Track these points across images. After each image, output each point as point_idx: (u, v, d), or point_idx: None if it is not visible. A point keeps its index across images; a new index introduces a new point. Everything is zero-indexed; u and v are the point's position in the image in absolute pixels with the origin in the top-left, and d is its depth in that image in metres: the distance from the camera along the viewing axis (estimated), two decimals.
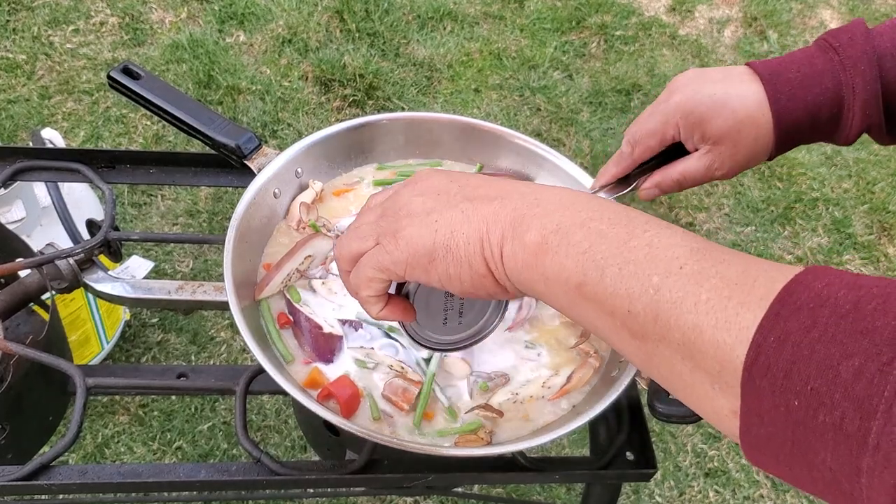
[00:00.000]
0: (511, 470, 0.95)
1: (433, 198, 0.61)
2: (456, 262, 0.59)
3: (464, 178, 0.63)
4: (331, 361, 0.92)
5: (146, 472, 0.89)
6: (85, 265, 1.03)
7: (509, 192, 0.59)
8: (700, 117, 0.84)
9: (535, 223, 0.56)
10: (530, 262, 0.56)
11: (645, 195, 0.92)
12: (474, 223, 0.58)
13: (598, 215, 0.55)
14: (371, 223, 0.64)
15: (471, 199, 0.60)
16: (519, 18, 3.07)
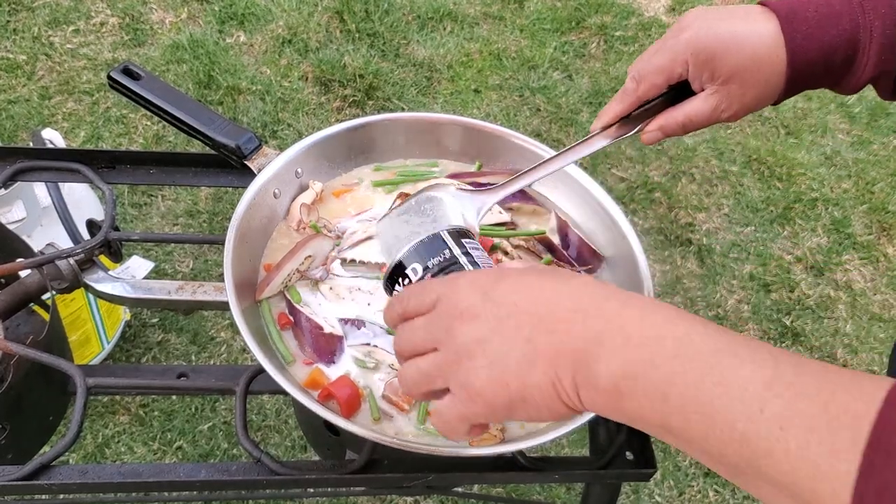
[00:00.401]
0: (511, 470, 0.95)
1: (484, 325, 0.60)
2: (535, 409, 0.59)
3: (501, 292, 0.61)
4: (332, 362, 0.92)
5: (146, 471, 0.89)
6: (85, 265, 1.04)
7: (561, 317, 0.58)
8: (711, 54, 0.80)
9: (602, 368, 0.55)
10: (610, 405, 0.56)
11: (648, 138, 0.89)
12: (541, 369, 0.58)
13: (661, 349, 0.54)
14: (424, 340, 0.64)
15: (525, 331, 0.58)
16: (519, 19, 3.07)
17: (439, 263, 0.71)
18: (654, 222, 2.56)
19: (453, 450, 0.85)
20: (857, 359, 2.32)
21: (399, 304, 0.67)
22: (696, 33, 0.81)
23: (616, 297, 0.58)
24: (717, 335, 0.53)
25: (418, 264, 0.72)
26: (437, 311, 0.63)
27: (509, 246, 1.06)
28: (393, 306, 0.68)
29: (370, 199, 1.11)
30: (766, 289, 2.45)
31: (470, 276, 0.64)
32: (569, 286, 0.60)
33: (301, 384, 0.89)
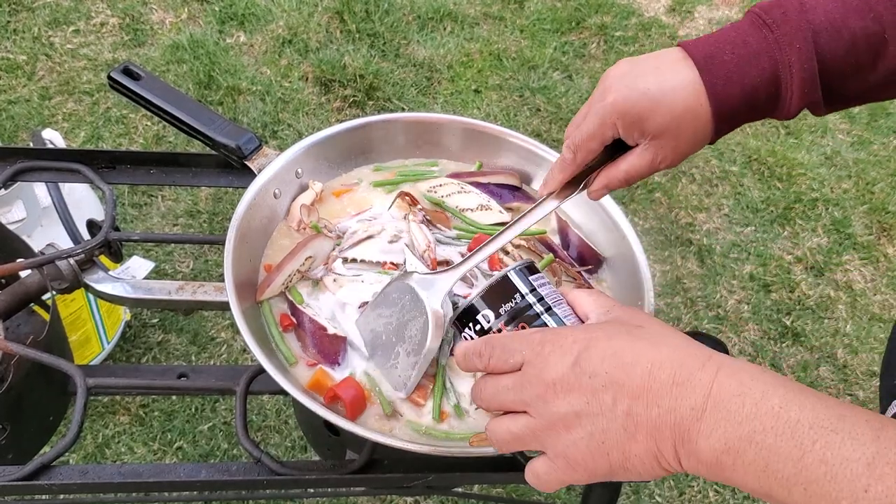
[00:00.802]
0: (511, 470, 0.95)
1: (580, 398, 0.60)
2: (636, 475, 0.61)
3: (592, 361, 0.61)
4: (336, 363, 0.92)
5: (147, 472, 0.89)
6: (85, 265, 1.04)
7: (657, 391, 0.58)
8: (637, 116, 0.82)
9: (703, 443, 0.57)
10: (712, 474, 0.58)
11: (595, 196, 0.92)
12: (642, 442, 0.59)
13: (761, 425, 0.55)
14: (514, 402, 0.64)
15: (623, 405, 0.59)
16: (519, 19, 3.07)
17: (511, 310, 0.70)
18: (654, 222, 2.56)
19: (453, 450, 0.86)
20: (857, 359, 2.32)
21: (478, 357, 0.67)
22: (620, 96, 0.82)
23: (710, 364, 0.59)
24: (814, 406, 0.55)
25: (490, 311, 0.71)
26: (525, 376, 0.63)
27: (510, 246, 1.06)
28: (470, 356, 0.68)
29: (369, 199, 1.11)
30: (766, 289, 2.45)
31: (553, 338, 0.63)
32: (660, 353, 0.60)
33: (305, 386, 0.89)
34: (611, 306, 0.69)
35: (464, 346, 0.69)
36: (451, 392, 0.92)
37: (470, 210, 1.10)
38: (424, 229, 1.04)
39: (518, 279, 0.71)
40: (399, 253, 1.02)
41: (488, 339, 0.68)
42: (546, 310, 0.70)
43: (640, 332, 0.63)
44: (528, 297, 0.70)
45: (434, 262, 1.00)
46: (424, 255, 1.00)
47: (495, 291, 0.71)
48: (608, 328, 0.64)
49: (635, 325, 0.64)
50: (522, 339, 0.65)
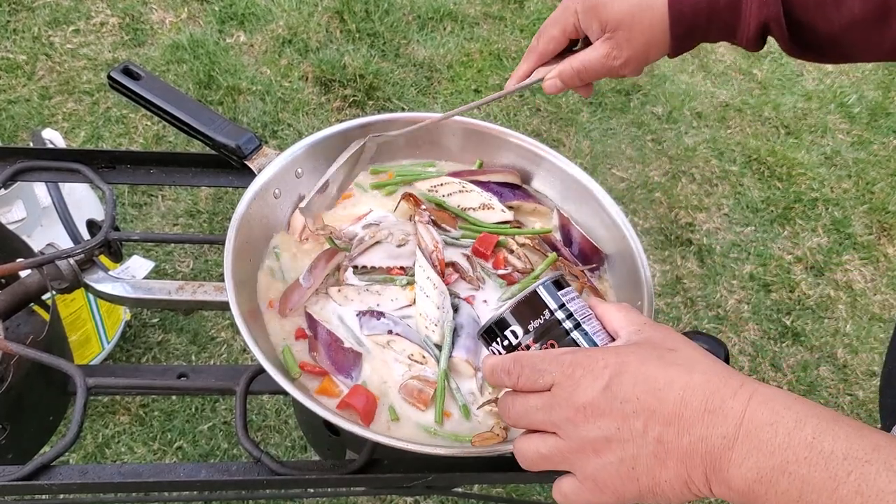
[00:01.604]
0: (511, 470, 0.95)
1: (611, 423, 0.60)
2: (665, 499, 0.61)
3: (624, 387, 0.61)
4: (349, 377, 0.92)
5: (147, 472, 0.89)
6: (85, 265, 1.04)
7: (689, 418, 0.58)
8: (595, 3, 0.85)
9: (735, 472, 0.57)
10: (744, 501, 0.58)
11: (548, 85, 0.93)
12: (672, 468, 0.59)
13: (794, 455, 0.55)
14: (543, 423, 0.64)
15: (654, 432, 0.59)
16: (519, 19, 3.07)
17: (540, 326, 0.69)
18: (654, 222, 2.56)
19: (453, 450, 0.86)
20: (857, 359, 2.32)
21: (506, 375, 0.66)
22: None
23: (742, 391, 0.58)
24: (848, 436, 0.55)
25: (518, 327, 0.70)
26: (555, 398, 0.63)
27: (514, 244, 1.07)
28: (498, 373, 0.67)
29: (368, 203, 1.11)
30: (766, 289, 2.45)
31: (585, 361, 0.62)
32: (692, 379, 0.59)
33: (312, 393, 0.90)
34: (642, 324, 0.68)
35: (492, 362, 0.69)
36: (458, 393, 0.92)
37: (472, 209, 1.10)
38: (431, 230, 1.04)
39: (547, 294, 0.70)
40: (407, 257, 1.02)
41: (517, 357, 0.67)
42: (575, 326, 0.69)
43: (672, 357, 0.62)
44: (558, 314, 0.69)
45: (441, 262, 1.01)
46: (432, 256, 1.00)
47: (524, 307, 0.69)
48: (640, 352, 0.63)
49: (667, 349, 0.63)
50: (553, 360, 0.64)
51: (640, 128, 2.77)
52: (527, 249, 1.07)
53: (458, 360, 0.93)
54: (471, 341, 0.95)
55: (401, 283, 1.00)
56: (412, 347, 0.94)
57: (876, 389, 2.26)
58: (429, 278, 0.98)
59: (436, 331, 0.95)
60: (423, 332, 0.95)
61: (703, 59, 3.05)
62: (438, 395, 0.90)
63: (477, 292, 1.02)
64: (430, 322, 0.95)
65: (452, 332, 0.95)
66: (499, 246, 1.06)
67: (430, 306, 0.96)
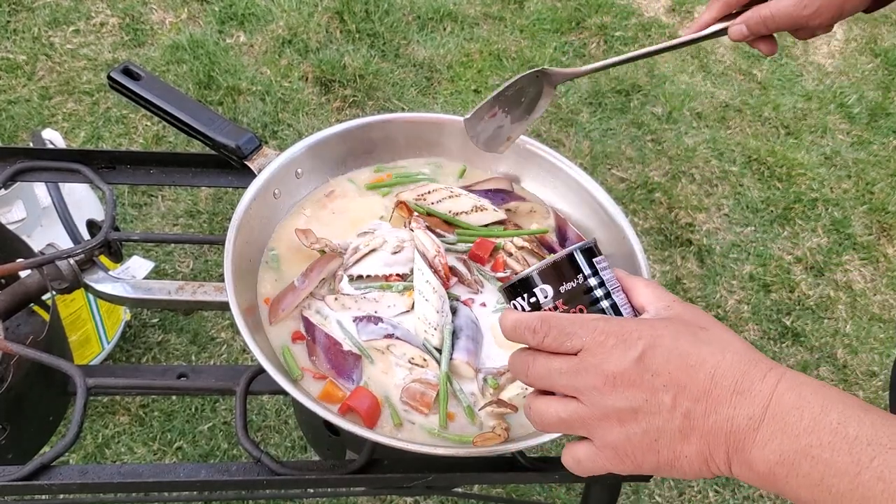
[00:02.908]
0: (511, 470, 0.95)
1: (640, 395, 0.60)
2: (681, 473, 0.61)
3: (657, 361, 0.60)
4: (350, 380, 0.92)
5: (147, 472, 0.89)
6: (85, 265, 1.04)
7: (717, 397, 0.59)
8: None
9: (757, 453, 0.57)
10: (763, 484, 0.58)
11: (734, 31, 0.91)
12: (695, 445, 0.59)
13: (818, 440, 0.55)
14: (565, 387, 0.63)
15: (682, 408, 0.59)
16: (519, 19, 3.07)
17: (572, 290, 0.67)
18: (654, 222, 2.56)
19: (453, 450, 0.86)
20: (857, 359, 2.32)
21: (531, 333, 0.65)
22: None
23: (771, 375, 0.59)
24: (873, 423, 0.55)
25: (549, 287, 0.68)
26: (582, 364, 0.62)
27: (513, 247, 1.06)
28: (521, 329, 0.66)
29: (356, 203, 1.11)
30: (766, 289, 2.45)
31: (618, 330, 0.62)
32: (724, 359, 0.60)
33: (315, 397, 0.89)
34: (671, 301, 0.67)
35: (516, 317, 0.66)
36: (461, 394, 0.92)
37: (465, 213, 1.09)
38: (431, 235, 1.04)
39: (582, 259, 0.68)
40: (403, 264, 1.02)
41: (545, 316, 0.65)
42: (605, 295, 0.68)
43: (705, 336, 0.62)
44: (591, 280, 0.68)
45: (445, 266, 1.00)
46: (434, 261, 1.00)
47: (558, 268, 0.67)
48: (673, 327, 0.62)
49: (700, 327, 0.63)
50: (584, 325, 0.63)
51: (640, 128, 2.77)
52: (525, 252, 1.07)
53: (458, 362, 0.93)
54: (471, 343, 0.95)
55: (398, 289, 1.00)
56: (412, 351, 0.94)
57: (876, 389, 2.27)
58: (428, 282, 0.98)
59: (435, 334, 0.95)
60: (423, 336, 0.95)
61: (703, 60, 3.05)
62: (442, 398, 0.90)
63: (476, 295, 1.02)
64: (429, 326, 0.95)
65: (452, 335, 0.95)
66: (497, 249, 1.06)
67: (430, 310, 0.96)
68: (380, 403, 0.90)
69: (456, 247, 1.06)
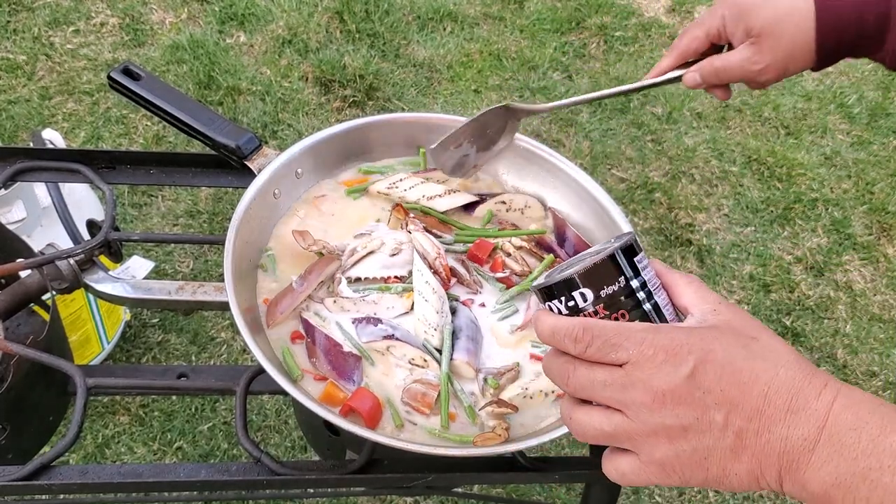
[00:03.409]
0: (511, 470, 0.95)
1: (691, 412, 0.58)
2: (729, 488, 0.60)
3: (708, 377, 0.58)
4: (351, 381, 0.92)
5: (147, 472, 0.89)
6: (85, 265, 1.04)
7: (771, 416, 0.57)
8: (743, 8, 0.89)
9: (812, 475, 0.56)
10: (816, 503, 0.57)
11: (688, 78, 0.98)
12: (745, 463, 0.58)
13: (877, 463, 0.54)
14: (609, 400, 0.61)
15: (734, 426, 0.58)
16: (519, 19, 3.07)
17: (613, 294, 0.64)
18: (654, 222, 2.56)
19: (453, 450, 0.86)
20: (857, 359, 2.32)
21: (572, 341, 0.62)
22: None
23: (826, 392, 0.57)
24: None
25: (590, 290, 0.63)
26: (629, 378, 0.59)
27: (511, 247, 1.06)
28: (561, 336, 0.62)
29: (342, 205, 1.11)
30: (766, 289, 2.45)
31: (667, 345, 0.59)
32: (777, 375, 0.58)
33: (317, 399, 0.89)
34: (716, 303, 0.64)
35: (553, 322, 0.63)
36: (462, 394, 0.92)
37: (438, 196, 1.10)
38: (430, 237, 1.04)
39: (624, 260, 0.64)
40: (401, 266, 1.02)
41: (587, 325, 0.62)
42: (647, 297, 0.65)
43: (756, 348, 0.60)
44: (633, 282, 0.64)
45: (446, 268, 1.00)
46: (435, 262, 1.00)
47: (598, 271, 0.63)
48: (723, 339, 0.60)
49: (750, 337, 0.61)
50: (630, 336, 0.60)
51: (639, 128, 2.77)
52: (524, 252, 1.07)
53: (459, 362, 0.93)
54: (471, 343, 0.95)
55: (396, 290, 1.00)
56: (413, 352, 0.94)
57: (876, 389, 2.27)
58: (427, 283, 0.98)
59: (435, 335, 0.95)
60: (423, 337, 0.95)
61: None
62: (443, 398, 0.90)
63: (475, 296, 1.02)
64: (429, 326, 0.95)
65: (452, 336, 0.95)
66: (495, 250, 1.06)
67: (430, 311, 0.96)
68: (381, 404, 0.90)
69: (453, 247, 1.06)
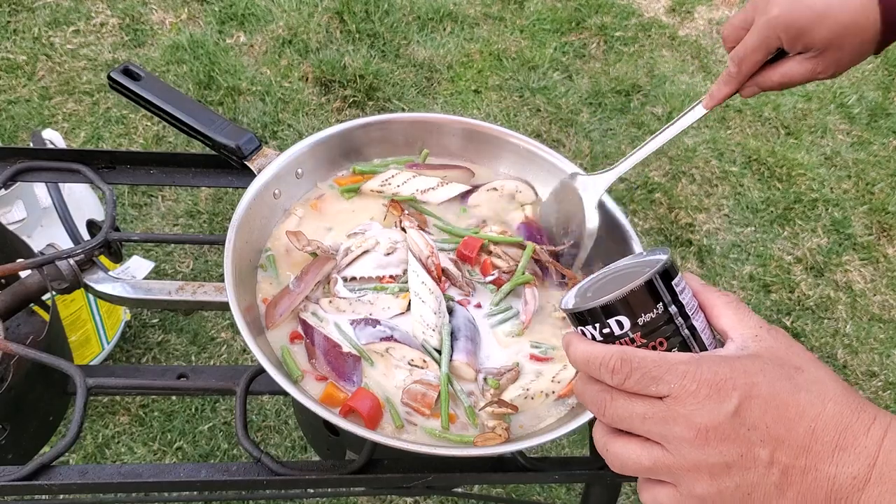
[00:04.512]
0: (511, 470, 0.95)
1: (735, 450, 0.56)
2: None
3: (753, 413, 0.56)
4: (351, 381, 0.92)
5: (147, 472, 0.89)
6: (85, 266, 1.04)
7: (819, 453, 0.55)
8: (801, 29, 0.84)
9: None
10: None
11: (746, 93, 0.95)
12: (790, 500, 0.56)
13: None
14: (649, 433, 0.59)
15: (780, 464, 0.56)
16: (519, 19, 3.07)
17: (652, 321, 0.61)
18: (654, 222, 2.56)
19: (453, 450, 0.86)
20: (857, 359, 2.32)
21: (609, 372, 0.59)
22: (784, 9, 0.84)
23: (876, 427, 0.56)
24: None
25: (626, 318, 0.61)
26: (670, 413, 0.57)
27: (492, 245, 1.07)
28: (596, 366, 0.60)
29: (338, 206, 1.11)
30: (766, 289, 2.45)
31: (711, 379, 0.57)
32: (825, 409, 0.56)
33: (317, 399, 0.89)
34: (757, 328, 0.62)
35: (588, 350, 0.61)
36: (462, 395, 0.92)
37: (431, 189, 1.10)
38: (424, 234, 1.03)
39: (662, 285, 0.61)
40: (396, 265, 1.02)
41: (626, 356, 0.59)
42: (685, 322, 0.62)
43: (801, 380, 0.58)
44: (671, 308, 0.61)
45: (438, 267, 1.00)
46: (427, 261, 1.00)
47: (636, 297, 0.60)
48: (768, 371, 0.58)
49: (794, 367, 0.59)
50: (672, 369, 0.57)
51: (640, 128, 2.77)
52: (503, 247, 1.06)
53: (458, 363, 0.93)
54: (469, 343, 0.95)
55: (392, 290, 1.00)
56: (412, 353, 0.94)
57: (876, 390, 2.27)
58: (423, 283, 0.97)
59: (433, 336, 0.94)
60: (421, 337, 0.95)
61: (704, 60, 3.05)
62: (443, 399, 0.90)
63: (470, 297, 1.02)
64: (427, 327, 0.95)
65: (451, 336, 0.95)
66: (481, 250, 1.06)
67: (427, 311, 0.96)
68: (381, 405, 0.90)
69: (442, 246, 1.06)
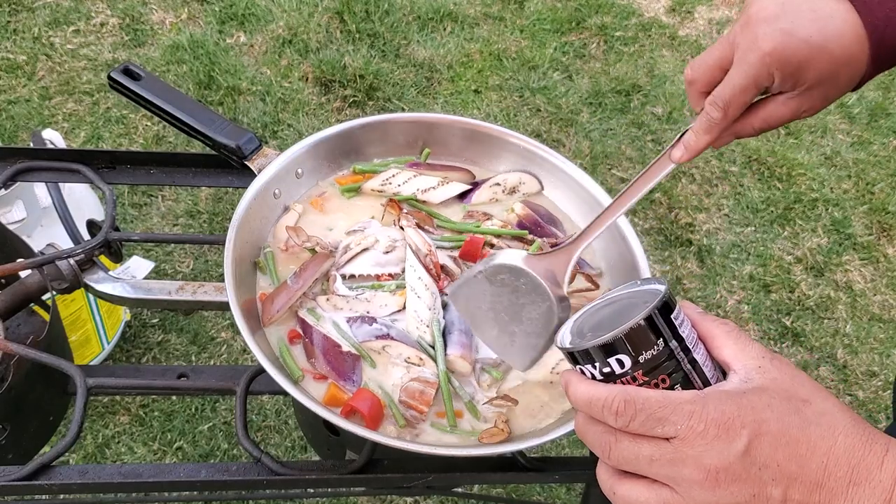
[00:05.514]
0: (511, 470, 0.96)
1: (747, 490, 0.55)
2: None
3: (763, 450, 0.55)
4: (351, 380, 0.92)
5: (147, 472, 0.89)
6: (85, 265, 1.04)
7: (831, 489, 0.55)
8: (798, 66, 0.75)
9: None
10: None
11: (720, 143, 0.83)
12: None
13: None
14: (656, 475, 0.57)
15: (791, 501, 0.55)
16: (519, 19, 3.07)
17: (653, 358, 0.59)
18: (654, 222, 2.56)
19: (453, 450, 0.86)
20: (857, 360, 2.32)
21: (612, 415, 0.58)
22: (778, 43, 0.74)
23: (889, 460, 0.55)
24: None
25: (627, 357, 0.59)
26: (678, 454, 0.56)
27: (494, 239, 1.07)
28: (599, 408, 0.58)
29: (340, 204, 1.11)
30: (766, 289, 2.45)
31: (718, 418, 0.55)
32: (836, 444, 0.55)
33: (321, 401, 0.89)
34: (760, 358, 0.60)
35: (590, 391, 0.59)
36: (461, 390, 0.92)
37: (432, 188, 1.10)
38: (422, 233, 1.03)
39: (662, 321, 0.60)
40: (395, 263, 1.02)
41: (629, 397, 0.57)
42: (686, 355, 0.61)
43: (809, 413, 0.57)
44: (671, 343, 0.60)
45: (437, 265, 1.00)
46: (426, 259, 1.00)
47: (636, 335, 0.59)
48: (776, 406, 0.56)
49: (802, 400, 0.57)
50: (677, 410, 0.56)
51: (640, 128, 2.77)
52: (505, 241, 1.06)
53: (454, 357, 0.93)
54: (464, 336, 0.95)
55: (389, 288, 1.00)
56: (408, 350, 0.94)
57: (876, 389, 2.27)
58: (420, 279, 0.97)
59: (428, 331, 0.95)
60: (416, 334, 0.95)
61: None
62: (445, 397, 0.90)
63: None
64: (421, 323, 0.95)
65: (443, 331, 0.95)
66: (485, 245, 1.06)
67: (422, 307, 0.96)
68: (383, 404, 0.90)
69: (442, 244, 1.05)
